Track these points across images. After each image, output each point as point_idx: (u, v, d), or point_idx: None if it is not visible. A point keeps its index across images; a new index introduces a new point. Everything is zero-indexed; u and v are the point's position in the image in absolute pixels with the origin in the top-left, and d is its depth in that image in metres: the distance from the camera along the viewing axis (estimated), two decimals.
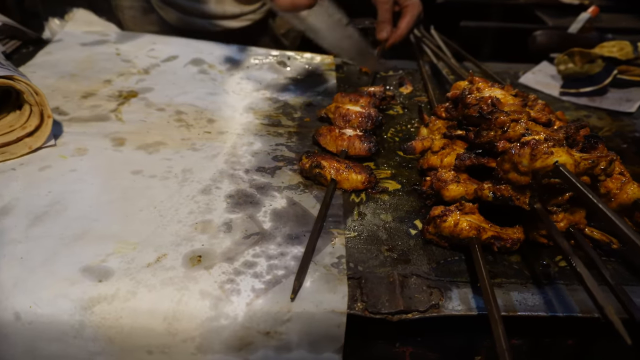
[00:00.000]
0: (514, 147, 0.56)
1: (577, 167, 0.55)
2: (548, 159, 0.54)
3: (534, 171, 0.55)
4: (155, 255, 0.60)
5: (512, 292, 0.59)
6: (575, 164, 0.55)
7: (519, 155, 0.55)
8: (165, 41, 1.23)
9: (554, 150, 0.54)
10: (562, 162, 0.53)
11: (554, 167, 0.53)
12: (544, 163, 0.54)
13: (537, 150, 0.54)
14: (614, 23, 1.67)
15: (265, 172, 0.78)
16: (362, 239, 0.66)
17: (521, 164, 0.55)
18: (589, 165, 0.56)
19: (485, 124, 0.63)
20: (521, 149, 0.55)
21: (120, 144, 0.82)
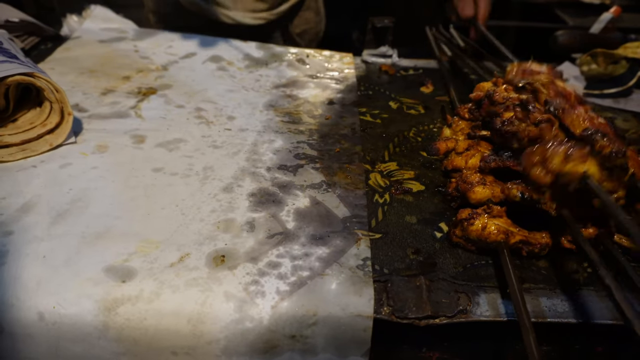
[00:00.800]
0: (552, 142, 0.55)
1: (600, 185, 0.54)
2: (579, 165, 0.52)
3: (560, 173, 0.54)
4: (179, 254, 0.59)
5: (541, 298, 0.58)
6: (600, 181, 0.53)
7: (554, 151, 0.54)
8: (183, 38, 1.22)
9: (588, 159, 0.53)
10: (591, 173, 0.52)
11: (582, 176, 0.52)
12: (575, 168, 0.53)
13: (573, 154, 0.53)
14: (636, 23, 1.64)
15: (288, 170, 0.77)
16: (387, 241, 0.65)
17: (552, 161, 0.54)
18: (610, 188, 0.54)
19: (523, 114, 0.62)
20: (557, 146, 0.54)
21: (140, 141, 0.81)
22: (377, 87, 1.09)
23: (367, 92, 1.06)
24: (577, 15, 1.70)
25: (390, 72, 1.16)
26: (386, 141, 0.88)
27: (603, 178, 0.54)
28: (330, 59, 1.20)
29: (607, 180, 0.54)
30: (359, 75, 1.13)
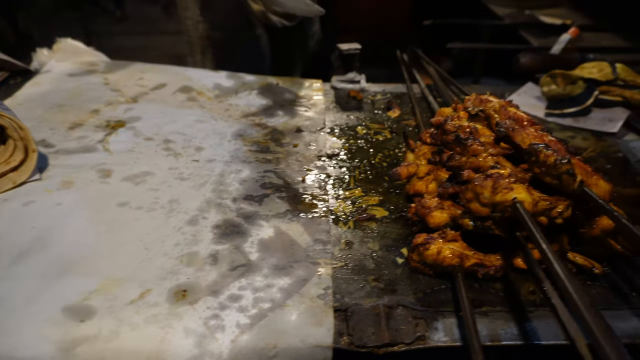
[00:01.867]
0: (478, 178, 0.57)
1: (535, 207, 0.56)
2: (507, 194, 0.54)
3: (494, 204, 0.56)
4: (139, 291, 0.60)
5: (498, 321, 0.59)
6: (533, 202, 0.55)
7: (481, 186, 0.56)
8: (155, 69, 1.23)
9: (515, 186, 0.55)
10: (521, 199, 0.54)
11: (512, 203, 0.54)
12: (504, 197, 0.55)
13: (499, 184, 0.55)
14: (595, 42, 1.70)
15: (253, 201, 0.78)
16: (349, 268, 0.66)
17: (482, 195, 0.56)
18: (546, 206, 0.56)
19: (460, 149, 0.64)
20: (484, 181, 0.56)
21: (107, 176, 0.82)
22: (345, 113, 1.11)
23: (334, 118, 1.08)
24: (540, 36, 1.75)
25: (359, 98, 1.19)
26: (352, 168, 0.89)
27: (537, 199, 0.56)
28: (300, 86, 1.22)
29: (543, 200, 0.56)
30: (327, 102, 1.16)
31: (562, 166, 0.55)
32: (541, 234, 0.48)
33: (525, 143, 0.62)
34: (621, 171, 0.95)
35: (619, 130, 1.08)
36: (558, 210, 0.57)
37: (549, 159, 0.56)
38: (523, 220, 0.51)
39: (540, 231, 0.49)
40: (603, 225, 0.63)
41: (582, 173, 0.56)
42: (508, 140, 0.65)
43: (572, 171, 0.55)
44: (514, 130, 0.63)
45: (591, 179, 0.57)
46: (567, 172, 0.55)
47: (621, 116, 1.12)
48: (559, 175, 0.56)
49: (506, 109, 0.70)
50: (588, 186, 0.56)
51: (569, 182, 0.56)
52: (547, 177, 0.57)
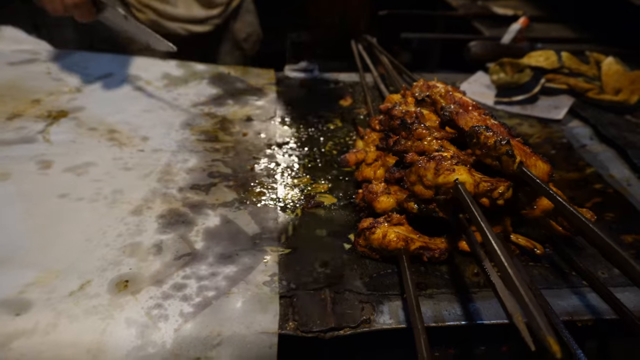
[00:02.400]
0: (421, 160, 0.58)
1: (477, 188, 0.57)
2: (450, 175, 0.55)
3: (437, 186, 0.57)
4: (79, 282, 0.58)
5: (442, 302, 0.60)
6: (475, 184, 0.56)
7: (424, 168, 0.57)
8: (100, 59, 1.19)
9: (457, 168, 0.56)
10: (462, 180, 0.55)
11: (454, 185, 0.55)
12: (446, 179, 0.56)
13: (441, 166, 0.56)
14: (545, 33, 1.75)
15: (200, 190, 0.77)
16: (296, 255, 0.66)
17: (426, 178, 0.57)
18: (488, 187, 0.58)
19: (406, 133, 0.65)
20: (427, 163, 0.57)
21: (46, 167, 0.79)
22: (297, 102, 1.10)
23: (286, 107, 1.07)
24: (493, 27, 1.79)
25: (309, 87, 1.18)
26: (302, 156, 0.89)
27: (478, 180, 0.57)
28: (252, 75, 1.20)
29: (484, 181, 0.57)
30: (279, 90, 1.15)
31: (501, 147, 0.56)
32: (480, 214, 0.49)
33: (469, 126, 0.63)
34: (565, 156, 0.98)
35: (563, 117, 1.12)
36: (499, 191, 0.58)
37: (489, 140, 0.57)
38: (464, 200, 0.52)
39: (480, 211, 0.50)
40: (543, 206, 0.65)
41: (522, 154, 0.58)
42: (452, 124, 0.65)
43: (511, 152, 0.56)
44: (457, 114, 0.64)
45: (530, 159, 0.58)
46: (507, 153, 0.56)
47: (566, 103, 1.16)
48: (498, 157, 0.57)
49: (452, 94, 0.71)
50: (527, 167, 0.57)
51: (508, 163, 0.57)
52: (488, 159, 0.58)
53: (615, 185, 0.89)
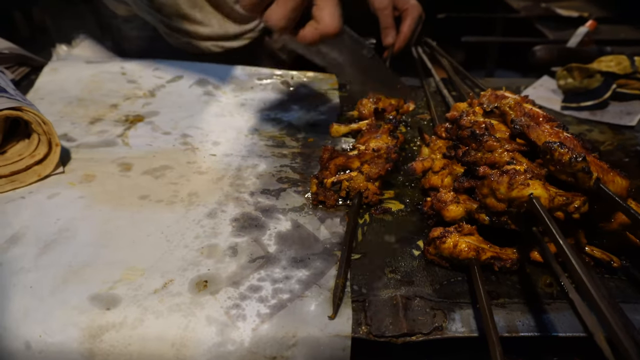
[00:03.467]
0: (494, 174, 0.57)
1: (552, 202, 0.56)
2: (524, 189, 0.55)
3: (510, 199, 0.56)
4: (162, 281, 0.61)
5: (515, 312, 0.60)
6: (550, 198, 0.56)
7: (497, 182, 0.57)
8: (169, 62, 1.24)
9: (531, 182, 0.55)
10: (537, 195, 0.54)
11: (529, 199, 0.54)
12: (520, 193, 0.55)
13: (515, 180, 0.55)
14: (613, 35, 1.68)
15: (270, 195, 0.79)
16: (365, 261, 0.67)
17: (499, 191, 0.56)
18: (563, 202, 0.57)
19: (476, 145, 0.65)
20: (500, 177, 0.57)
21: (127, 169, 0.83)
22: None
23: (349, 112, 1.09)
24: (556, 29, 1.74)
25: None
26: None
27: (553, 194, 0.56)
28: (315, 80, 1.22)
29: (560, 195, 0.56)
30: (342, 96, 1.16)
31: (577, 164, 0.55)
32: (557, 229, 0.49)
33: (541, 140, 0.62)
34: (638, 164, 0.94)
35: (637, 123, 1.08)
36: (575, 205, 0.57)
37: (564, 157, 0.56)
38: (540, 215, 0.52)
39: (557, 226, 0.49)
40: (621, 220, 0.63)
41: (598, 170, 0.57)
42: (523, 137, 0.65)
43: (587, 169, 0.55)
44: (529, 127, 0.64)
45: (608, 175, 0.57)
46: (583, 170, 0.55)
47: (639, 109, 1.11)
48: (574, 173, 0.56)
49: (521, 106, 0.71)
50: (604, 183, 0.56)
51: (584, 180, 0.56)
52: (563, 175, 0.58)
53: None
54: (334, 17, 0.75)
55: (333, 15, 0.75)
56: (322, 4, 0.75)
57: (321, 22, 0.75)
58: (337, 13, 0.75)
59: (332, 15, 0.75)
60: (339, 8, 0.76)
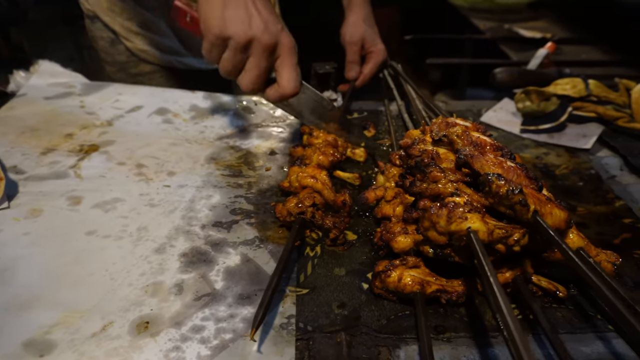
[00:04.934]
0: (434, 207, 0.57)
1: (491, 235, 0.56)
2: (462, 223, 0.55)
3: (450, 233, 0.56)
4: (102, 323, 0.59)
5: (461, 347, 0.59)
6: (488, 231, 0.56)
7: (437, 215, 0.57)
8: (132, 91, 1.24)
9: (469, 215, 0.55)
10: (475, 228, 0.55)
11: (467, 232, 0.54)
12: (458, 227, 0.55)
13: (453, 214, 0.55)
14: (575, 56, 1.72)
15: (222, 227, 0.78)
16: (313, 296, 0.66)
17: (439, 225, 0.56)
18: (502, 234, 0.57)
19: (421, 175, 0.65)
20: (440, 210, 0.57)
21: (76, 203, 0.82)
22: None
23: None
24: (520, 50, 1.77)
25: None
26: None
27: (492, 227, 0.56)
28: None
29: (498, 228, 0.57)
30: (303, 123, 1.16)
31: (514, 197, 0.56)
32: (488, 265, 0.49)
33: (484, 170, 0.63)
34: (593, 188, 0.95)
35: (592, 146, 1.09)
36: (514, 238, 0.57)
37: (501, 190, 0.56)
38: (475, 250, 0.52)
39: (488, 262, 0.49)
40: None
41: (536, 202, 0.57)
42: (468, 166, 0.65)
43: (524, 201, 0.55)
44: (473, 157, 0.64)
45: (545, 207, 0.58)
46: (520, 203, 0.56)
47: (595, 132, 1.13)
48: (512, 206, 0.57)
49: (469, 134, 0.71)
50: (542, 215, 0.57)
51: (522, 212, 0.56)
52: (501, 207, 0.58)
53: None
54: (291, 81, 0.85)
55: (290, 80, 0.85)
56: (281, 70, 0.85)
57: (281, 85, 0.86)
58: (294, 77, 0.85)
59: (289, 79, 0.85)
60: (296, 72, 0.86)
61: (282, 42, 0.82)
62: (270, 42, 0.80)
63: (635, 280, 0.72)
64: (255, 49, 0.80)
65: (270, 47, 0.81)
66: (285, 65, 0.84)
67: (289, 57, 0.84)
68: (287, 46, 0.83)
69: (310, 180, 0.79)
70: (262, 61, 0.82)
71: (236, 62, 0.82)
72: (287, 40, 0.83)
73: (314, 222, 0.76)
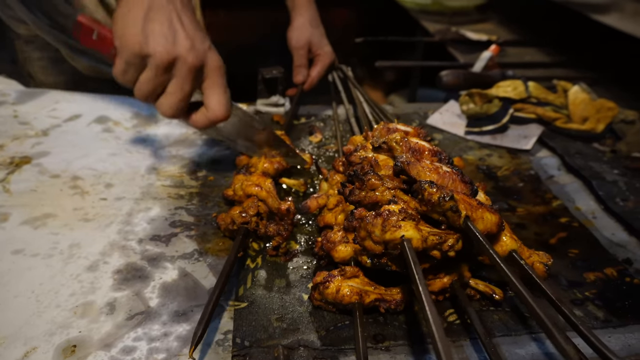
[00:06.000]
0: (369, 216, 0.57)
1: (425, 242, 0.56)
2: (396, 232, 0.55)
3: (385, 242, 0.56)
4: (24, 349, 0.56)
5: (399, 355, 0.59)
6: (422, 239, 0.56)
7: (372, 224, 0.56)
8: (71, 98, 1.19)
9: (403, 224, 0.55)
10: (409, 236, 0.55)
11: (401, 241, 0.54)
12: (393, 235, 0.55)
13: (388, 222, 0.55)
14: (519, 58, 1.76)
15: (160, 241, 0.76)
16: (252, 309, 0.65)
17: (374, 234, 0.56)
18: (436, 241, 0.57)
19: (359, 184, 0.64)
20: (375, 219, 0.56)
21: (3, 220, 0.78)
22: None
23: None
24: (467, 52, 1.80)
25: (281, 122, 1.18)
26: None
27: (426, 235, 0.56)
28: None
29: (432, 235, 0.57)
30: None
31: (445, 203, 0.56)
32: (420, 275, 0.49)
33: (420, 176, 0.63)
34: (532, 189, 0.98)
35: (532, 147, 1.12)
36: (448, 244, 0.58)
37: (433, 197, 0.57)
38: (407, 258, 0.52)
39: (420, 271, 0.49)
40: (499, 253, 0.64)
41: (468, 208, 0.57)
42: (405, 173, 0.65)
43: (455, 208, 0.56)
44: (409, 164, 0.64)
45: (476, 212, 0.58)
46: (451, 209, 0.56)
47: (535, 133, 1.16)
48: (444, 212, 0.57)
49: (407, 141, 0.71)
50: (473, 220, 0.57)
51: (454, 219, 0.57)
52: (434, 214, 0.58)
53: (581, 218, 0.89)
54: (221, 105, 0.78)
55: (220, 103, 0.78)
56: (209, 93, 0.78)
57: (210, 109, 0.79)
58: (224, 100, 0.79)
59: (219, 103, 0.78)
60: (226, 95, 0.79)
61: (209, 62, 0.76)
62: (196, 62, 0.74)
63: (570, 279, 0.74)
64: (179, 69, 0.73)
65: (196, 68, 0.74)
66: (214, 87, 0.78)
67: (217, 78, 0.77)
68: (214, 66, 0.77)
69: (254, 189, 0.78)
70: (186, 83, 0.75)
71: (156, 84, 0.74)
72: (215, 59, 0.77)
73: (257, 230, 0.75)
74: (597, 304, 0.69)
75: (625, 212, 0.89)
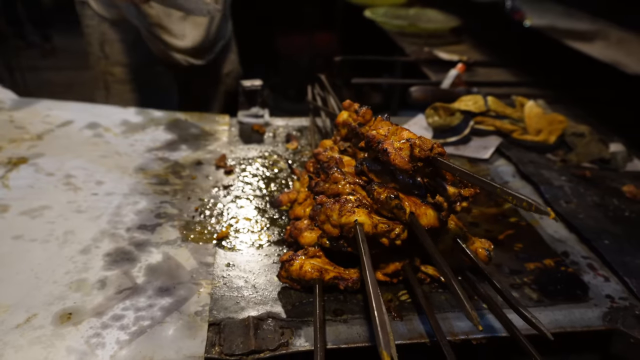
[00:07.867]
0: (329, 202, 0.66)
1: (375, 229, 0.66)
2: (350, 216, 0.64)
3: (341, 225, 0.65)
4: (26, 315, 0.64)
5: (355, 326, 0.68)
6: (373, 225, 0.65)
7: (331, 209, 0.66)
8: (62, 107, 1.27)
9: (357, 210, 0.65)
10: (361, 221, 0.64)
11: (354, 225, 0.64)
12: (347, 220, 0.64)
13: (344, 208, 0.65)
14: (486, 77, 1.89)
15: (146, 230, 0.84)
16: (228, 287, 0.73)
17: (332, 218, 0.66)
18: (385, 229, 0.67)
19: (324, 176, 0.74)
20: (333, 205, 0.66)
21: (3, 211, 0.85)
22: (247, 146, 1.19)
23: (236, 151, 1.16)
24: (439, 71, 1.92)
25: (261, 132, 1.27)
26: (245, 197, 0.97)
27: (376, 222, 0.66)
28: (207, 121, 1.29)
29: (382, 223, 0.66)
30: (232, 135, 1.24)
31: (391, 202, 0.66)
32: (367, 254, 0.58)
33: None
34: (487, 193, 1.08)
35: (490, 156, 1.23)
36: (395, 232, 0.67)
37: (382, 196, 0.66)
38: (357, 240, 0.61)
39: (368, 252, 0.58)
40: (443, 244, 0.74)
41: (412, 205, 0.67)
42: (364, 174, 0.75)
43: (399, 205, 0.66)
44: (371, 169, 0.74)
45: (420, 209, 0.68)
46: (396, 207, 0.66)
47: (494, 143, 1.27)
48: (391, 209, 0.67)
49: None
50: (417, 216, 0.67)
51: (400, 215, 0.66)
52: (384, 211, 0.68)
53: (529, 218, 0.99)
54: None
55: None
56: None
57: None
58: None
59: None
60: None
61: None
62: None
63: (512, 268, 0.83)
64: None
65: None
66: None
67: None
68: None
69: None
70: None
71: None
72: None
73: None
74: (533, 287, 0.79)
75: (567, 213, 0.99)
